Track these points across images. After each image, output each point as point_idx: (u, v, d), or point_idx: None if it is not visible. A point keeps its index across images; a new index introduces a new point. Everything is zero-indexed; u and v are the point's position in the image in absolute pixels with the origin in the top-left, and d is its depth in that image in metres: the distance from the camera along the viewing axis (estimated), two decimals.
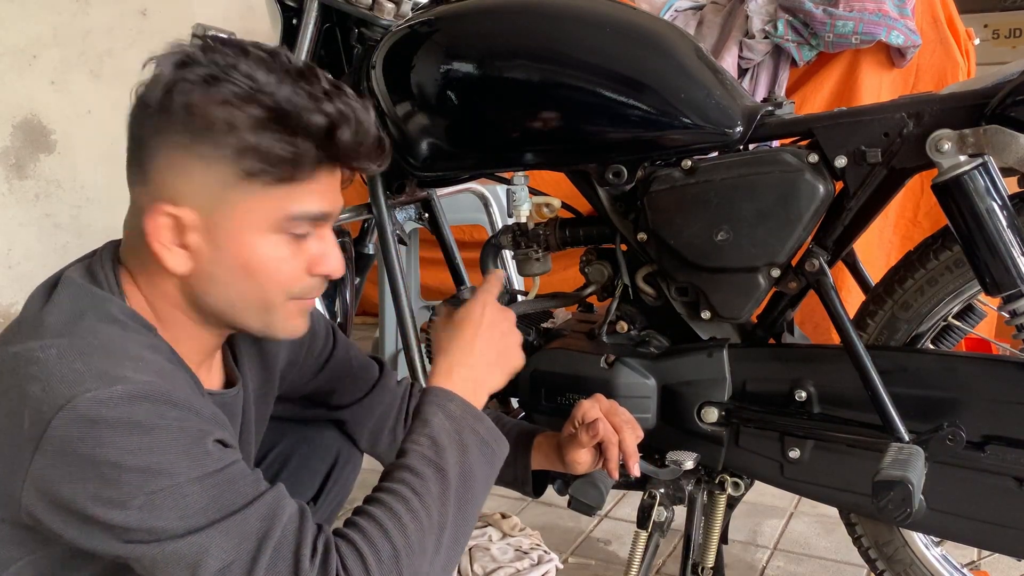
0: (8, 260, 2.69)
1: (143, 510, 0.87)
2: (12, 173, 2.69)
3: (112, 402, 0.87)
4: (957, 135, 1.25)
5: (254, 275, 0.99)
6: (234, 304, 1.01)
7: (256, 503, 0.91)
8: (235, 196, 0.96)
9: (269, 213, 0.97)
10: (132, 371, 0.91)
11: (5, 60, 2.66)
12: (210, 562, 0.87)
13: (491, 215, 2.41)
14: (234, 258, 0.98)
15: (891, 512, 1.23)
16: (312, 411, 1.40)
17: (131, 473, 0.87)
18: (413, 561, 0.93)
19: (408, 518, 0.94)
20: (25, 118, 2.70)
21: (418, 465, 0.99)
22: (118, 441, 0.87)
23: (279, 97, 0.94)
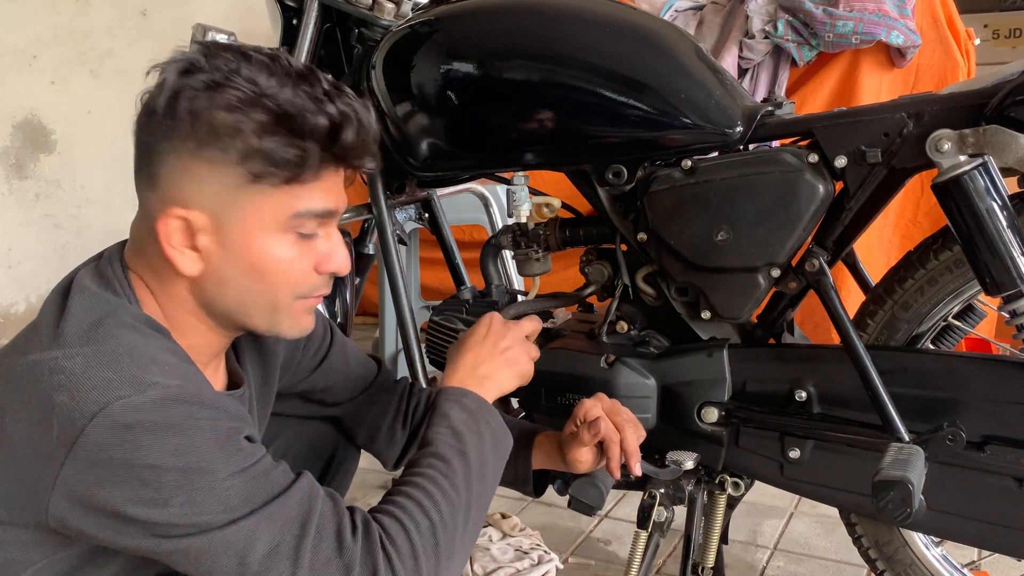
0: (8, 260, 2.69)
1: (185, 507, 0.90)
2: (12, 173, 2.69)
3: (146, 407, 0.90)
4: (957, 135, 1.25)
5: (263, 275, 1.01)
6: (243, 304, 1.03)
7: (292, 489, 0.95)
8: (243, 198, 0.98)
9: (276, 213, 0.99)
10: (160, 376, 0.93)
11: (5, 60, 2.66)
12: (257, 547, 0.91)
13: (491, 215, 2.41)
14: (243, 259, 1.00)
15: (891, 512, 1.23)
16: (309, 408, 1.40)
17: (170, 474, 0.90)
18: (448, 534, 1.00)
19: (440, 496, 1.02)
20: (25, 118, 2.70)
21: (444, 451, 1.07)
22: (155, 444, 0.90)
23: (282, 100, 0.96)
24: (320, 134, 0.97)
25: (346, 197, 1.06)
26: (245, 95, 0.95)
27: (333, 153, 0.99)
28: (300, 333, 1.08)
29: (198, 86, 0.95)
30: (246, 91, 0.95)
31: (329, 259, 1.04)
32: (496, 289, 1.70)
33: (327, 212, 1.02)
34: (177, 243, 0.99)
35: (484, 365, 1.20)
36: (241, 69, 0.96)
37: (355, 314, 2.07)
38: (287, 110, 0.96)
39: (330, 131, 0.98)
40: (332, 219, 1.05)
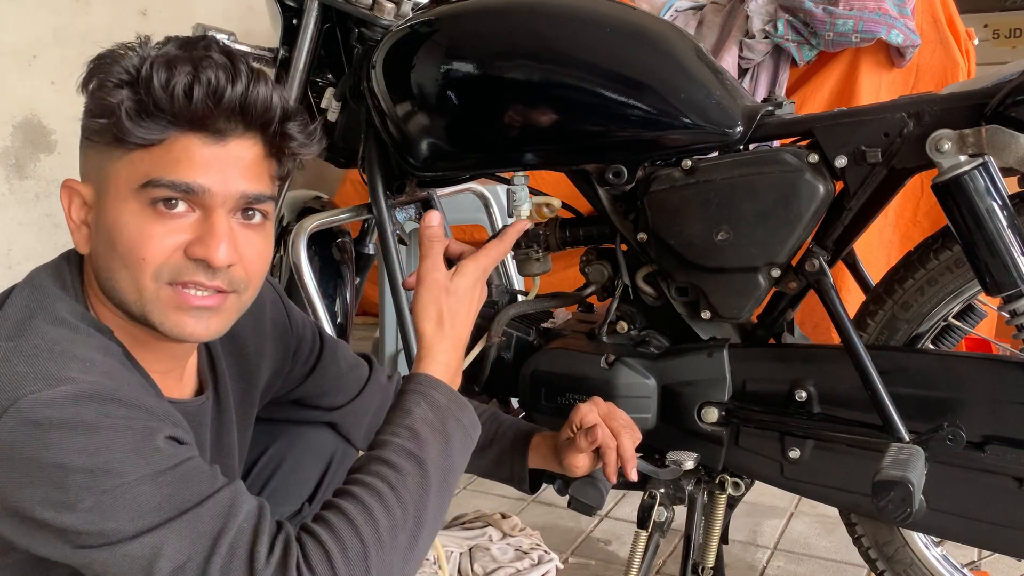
0: (8, 260, 2.69)
1: (93, 512, 0.85)
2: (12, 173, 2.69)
3: (56, 403, 0.86)
4: (957, 135, 1.25)
5: (116, 245, 0.95)
6: (113, 283, 0.97)
7: (211, 500, 0.88)
8: (108, 166, 0.96)
9: (130, 181, 0.94)
10: (78, 371, 0.89)
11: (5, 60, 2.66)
12: (163, 563, 0.85)
13: (491, 215, 2.40)
14: (105, 229, 0.96)
15: (891, 512, 1.23)
16: (305, 413, 1.40)
17: (78, 474, 0.85)
18: (384, 557, 0.90)
19: (380, 512, 0.92)
20: (25, 118, 2.70)
21: (395, 458, 0.96)
22: (64, 442, 0.85)
23: (132, 64, 0.93)
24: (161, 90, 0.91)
25: (239, 180, 0.96)
26: (113, 68, 0.94)
27: (180, 117, 0.93)
28: (179, 334, 0.97)
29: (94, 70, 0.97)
30: (121, 66, 0.94)
31: (199, 242, 0.95)
32: (496, 289, 1.70)
33: (187, 187, 0.93)
34: (76, 218, 0.98)
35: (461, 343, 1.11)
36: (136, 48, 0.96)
37: (355, 314, 2.07)
38: (138, 72, 0.92)
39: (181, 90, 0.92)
40: (205, 198, 0.95)
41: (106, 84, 0.93)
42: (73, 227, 0.98)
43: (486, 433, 1.37)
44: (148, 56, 0.93)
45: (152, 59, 0.93)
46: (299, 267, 1.71)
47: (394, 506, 0.93)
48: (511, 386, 1.61)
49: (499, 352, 1.60)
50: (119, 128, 0.92)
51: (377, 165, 1.65)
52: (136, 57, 0.94)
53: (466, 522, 2.09)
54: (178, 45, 0.96)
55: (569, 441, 1.29)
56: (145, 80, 0.91)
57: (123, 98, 0.92)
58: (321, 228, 1.83)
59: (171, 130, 0.93)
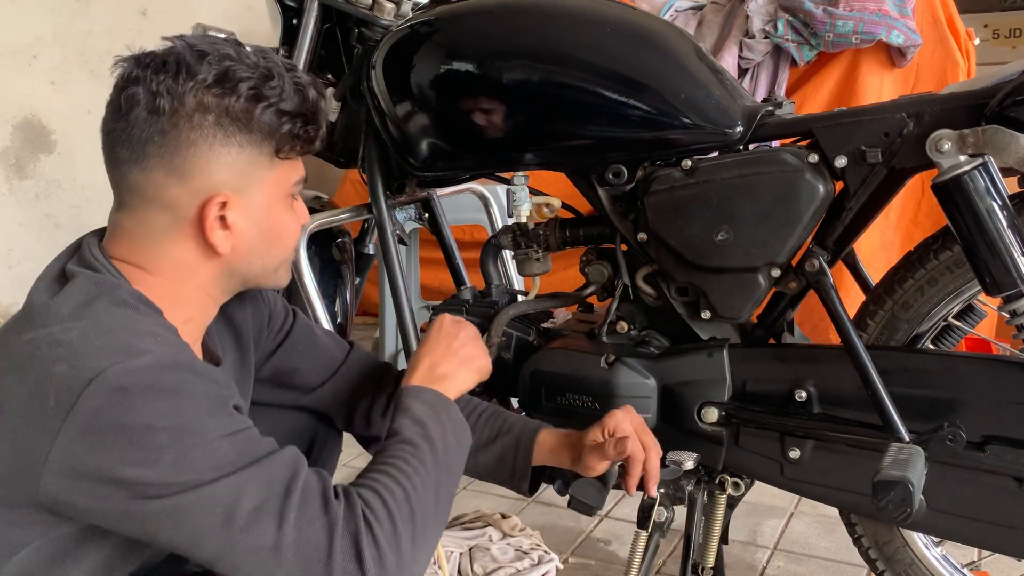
0: (8, 260, 2.69)
1: (176, 465, 0.93)
2: (12, 173, 2.69)
3: (140, 371, 0.93)
4: (957, 135, 1.25)
5: (280, 237, 1.14)
6: (264, 267, 1.14)
7: (279, 453, 0.99)
8: (264, 174, 1.09)
9: (283, 184, 1.12)
10: (153, 344, 0.97)
11: (5, 60, 2.66)
12: (244, 503, 0.94)
13: (491, 215, 2.40)
14: (268, 226, 1.11)
15: (891, 512, 1.23)
16: (282, 395, 1.39)
17: (162, 433, 0.93)
18: (422, 506, 1.04)
19: (411, 472, 1.06)
20: (25, 118, 2.70)
21: (410, 436, 1.11)
22: (148, 406, 0.93)
23: (287, 82, 1.08)
24: (316, 112, 1.11)
25: None
26: (256, 82, 1.05)
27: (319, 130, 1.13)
28: (286, 283, 1.20)
29: (210, 80, 1.03)
30: (254, 77, 1.05)
31: (303, 215, 1.18)
32: (496, 289, 1.70)
33: (303, 180, 1.16)
34: (213, 224, 1.07)
35: (440, 366, 1.24)
36: (231, 56, 1.06)
37: (355, 314, 2.07)
38: (289, 90, 1.07)
39: (314, 111, 1.11)
40: None
41: (284, 113, 1.07)
42: (213, 234, 1.07)
43: (490, 429, 1.37)
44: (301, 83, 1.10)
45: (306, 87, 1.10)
46: (299, 267, 1.72)
47: (419, 468, 1.07)
48: (511, 386, 1.61)
49: (499, 352, 1.60)
50: (294, 151, 1.11)
51: (377, 165, 1.66)
52: (288, 82, 1.08)
53: (466, 522, 2.09)
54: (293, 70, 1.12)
55: (596, 445, 1.29)
56: (310, 113, 1.10)
57: (299, 129, 1.09)
58: (321, 228, 1.83)
59: None
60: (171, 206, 1.06)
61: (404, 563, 0.99)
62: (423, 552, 1.03)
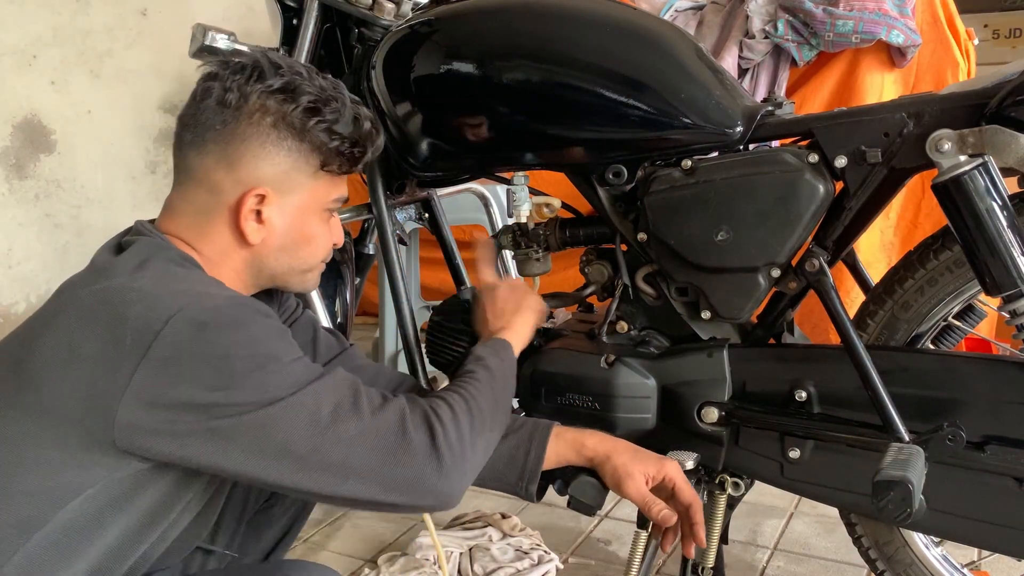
0: (8, 260, 2.69)
1: (258, 387, 1.03)
2: (12, 173, 2.69)
3: (214, 309, 1.04)
4: (957, 135, 1.25)
5: (310, 245, 1.23)
6: (291, 267, 1.24)
7: (338, 370, 1.13)
8: (307, 182, 1.20)
9: (323, 198, 1.22)
10: (218, 290, 1.10)
11: (5, 60, 2.66)
12: (323, 405, 1.06)
13: (491, 215, 2.40)
14: (299, 231, 1.21)
15: (891, 512, 1.23)
16: None
17: (242, 360, 1.03)
18: (479, 405, 1.20)
19: (468, 385, 1.23)
20: (25, 118, 2.70)
21: (469, 367, 1.30)
22: (226, 338, 1.03)
23: (347, 109, 1.20)
24: (365, 140, 1.22)
25: None
26: (316, 99, 1.17)
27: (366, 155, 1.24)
28: (313, 288, 1.33)
29: (277, 87, 1.16)
30: (316, 96, 1.17)
31: (337, 234, 1.28)
32: None
33: (343, 199, 1.26)
34: (249, 215, 1.16)
35: (497, 323, 1.44)
36: (301, 74, 1.18)
37: (355, 314, 2.07)
38: (347, 117, 1.20)
39: (367, 136, 1.22)
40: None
41: (335, 133, 1.18)
42: (245, 222, 1.17)
43: None
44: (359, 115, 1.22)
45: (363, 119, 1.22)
46: None
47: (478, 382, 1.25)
48: None
49: None
50: (340, 168, 1.21)
51: (377, 165, 1.66)
52: (349, 110, 1.20)
53: (466, 522, 2.09)
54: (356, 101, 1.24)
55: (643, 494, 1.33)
56: (360, 140, 1.22)
57: (346, 149, 1.20)
58: None
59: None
60: (216, 189, 1.16)
61: (464, 443, 1.13)
62: (480, 441, 1.18)
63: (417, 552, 1.96)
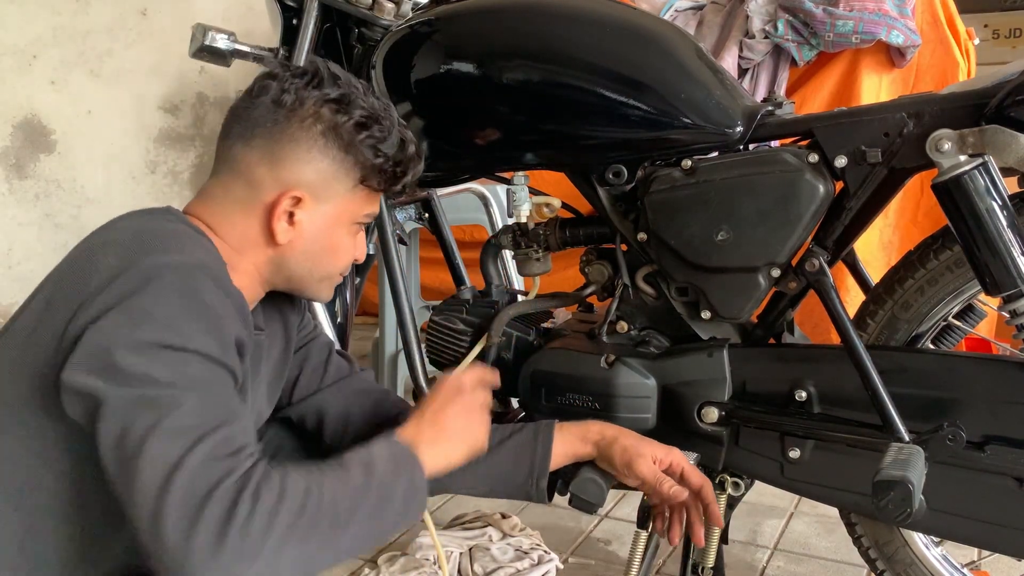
0: (8, 260, 2.69)
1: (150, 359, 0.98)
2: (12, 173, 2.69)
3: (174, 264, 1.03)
4: (957, 135, 1.25)
5: (333, 254, 1.24)
6: (310, 273, 1.24)
7: (235, 402, 1.04)
8: (344, 193, 1.21)
9: (355, 212, 1.23)
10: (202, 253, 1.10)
11: (5, 60, 2.66)
12: (176, 416, 0.97)
13: (491, 215, 2.41)
14: (326, 239, 1.22)
15: (891, 512, 1.23)
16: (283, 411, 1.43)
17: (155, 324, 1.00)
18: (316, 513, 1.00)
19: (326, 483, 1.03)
20: (25, 118, 2.70)
21: (349, 461, 1.08)
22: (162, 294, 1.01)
23: (389, 128, 1.21)
24: (408, 162, 1.23)
25: None
26: (368, 115, 1.19)
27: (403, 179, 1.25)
28: (327, 299, 1.32)
29: (332, 96, 1.18)
30: (368, 112, 1.19)
31: (360, 250, 1.29)
32: (496, 289, 1.70)
33: (373, 216, 1.27)
34: (281, 215, 1.17)
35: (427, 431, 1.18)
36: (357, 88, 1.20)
37: (355, 314, 2.07)
38: (394, 138, 1.21)
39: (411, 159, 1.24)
40: None
41: (380, 152, 1.20)
42: (277, 221, 1.18)
43: (500, 432, 1.35)
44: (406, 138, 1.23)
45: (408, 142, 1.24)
46: None
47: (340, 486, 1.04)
48: (511, 386, 1.61)
49: (499, 352, 1.60)
50: (378, 185, 1.23)
51: None
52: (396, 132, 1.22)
53: (466, 522, 2.09)
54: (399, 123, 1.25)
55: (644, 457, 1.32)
56: (403, 162, 1.23)
57: (388, 168, 1.22)
58: None
59: None
60: (255, 184, 1.18)
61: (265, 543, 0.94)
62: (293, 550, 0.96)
63: (417, 552, 1.96)
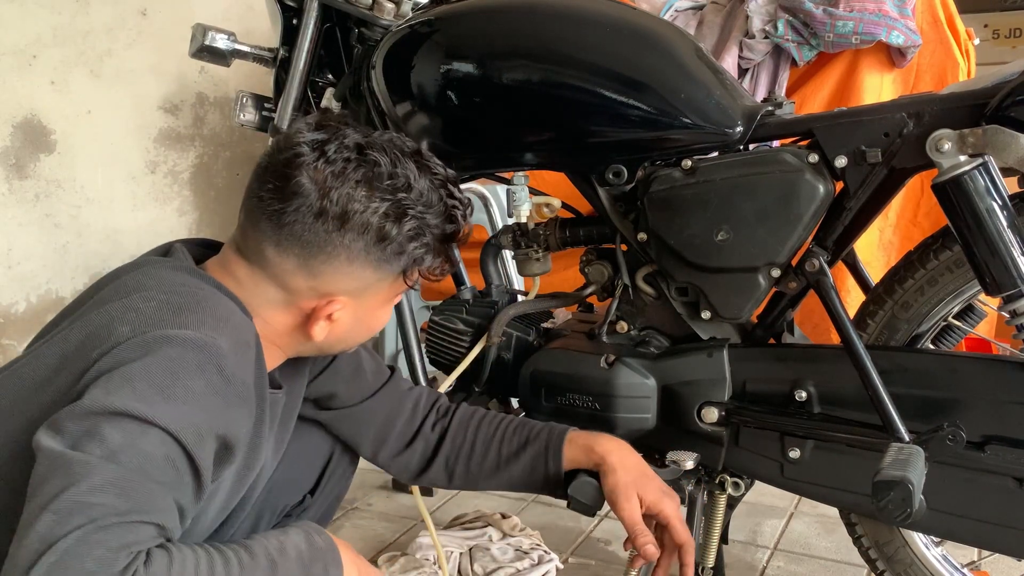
0: (8, 260, 2.69)
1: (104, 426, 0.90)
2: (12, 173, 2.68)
3: (171, 338, 0.96)
4: (957, 135, 1.25)
5: (372, 330, 1.22)
6: (345, 346, 1.23)
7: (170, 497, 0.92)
8: (385, 287, 1.16)
9: (396, 292, 1.18)
10: (209, 328, 0.99)
11: (5, 60, 2.66)
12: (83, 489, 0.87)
13: (491, 215, 2.40)
14: (366, 324, 1.19)
15: (891, 512, 1.23)
16: (314, 412, 1.40)
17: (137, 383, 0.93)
18: None
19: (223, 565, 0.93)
20: (25, 118, 2.70)
21: (257, 547, 0.98)
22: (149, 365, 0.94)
23: (443, 229, 1.13)
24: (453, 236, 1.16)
25: None
26: (420, 223, 1.10)
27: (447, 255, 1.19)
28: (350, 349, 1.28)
29: (383, 209, 1.08)
30: (419, 217, 1.10)
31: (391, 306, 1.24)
32: (496, 289, 1.70)
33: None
34: (320, 318, 1.13)
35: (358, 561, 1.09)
36: (412, 186, 1.10)
37: None
38: (444, 235, 1.14)
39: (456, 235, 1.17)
40: None
41: (430, 248, 1.13)
42: (315, 324, 1.13)
43: (518, 438, 1.36)
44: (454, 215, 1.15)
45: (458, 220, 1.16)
46: None
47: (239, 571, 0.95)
48: (511, 386, 1.61)
49: (499, 352, 1.60)
50: (420, 275, 1.17)
51: None
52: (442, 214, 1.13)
53: (466, 522, 2.09)
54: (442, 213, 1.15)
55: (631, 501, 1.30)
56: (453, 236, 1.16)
57: (430, 262, 1.15)
58: None
59: None
60: (291, 290, 1.12)
61: None
62: None
63: (417, 552, 1.95)
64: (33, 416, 0.97)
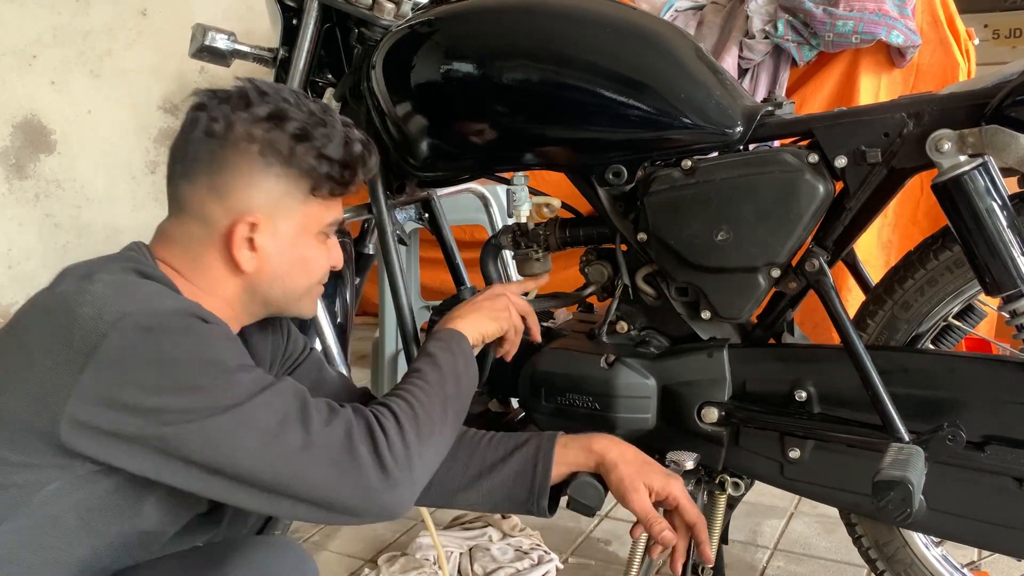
0: (8, 260, 2.69)
1: (205, 393, 1.02)
2: (12, 173, 2.69)
3: (163, 314, 1.04)
4: (957, 135, 1.25)
5: (305, 269, 1.23)
6: (285, 293, 1.23)
7: (286, 380, 1.11)
8: (297, 207, 1.19)
9: (316, 222, 1.22)
10: (172, 300, 1.08)
11: (5, 60, 2.66)
12: (270, 415, 1.04)
13: (491, 215, 2.40)
14: (294, 256, 1.21)
15: (891, 512, 1.23)
16: None
17: (187, 365, 1.02)
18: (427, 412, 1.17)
19: (415, 389, 1.20)
20: (25, 118, 2.70)
21: (418, 365, 1.26)
22: (171, 341, 1.02)
23: (331, 132, 1.19)
24: (356, 162, 1.21)
25: None
26: (303, 126, 1.17)
27: (357, 177, 1.23)
28: (311, 314, 1.30)
29: (263, 115, 1.16)
30: (303, 122, 1.17)
31: (336, 257, 1.27)
32: None
33: (338, 221, 1.26)
34: (241, 244, 1.16)
35: (460, 313, 1.38)
36: (289, 100, 1.18)
37: (355, 314, 2.07)
38: (337, 140, 1.19)
39: (360, 159, 1.22)
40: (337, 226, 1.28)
41: (324, 157, 1.18)
42: (239, 252, 1.17)
43: (504, 447, 1.33)
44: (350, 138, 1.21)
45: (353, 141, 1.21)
46: None
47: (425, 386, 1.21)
48: (511, 386, 1.61)
49: None
50: (331, 192, 1.21)
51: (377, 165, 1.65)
52: (339, 133, 1.20)
53: (466, 522, 2.09)
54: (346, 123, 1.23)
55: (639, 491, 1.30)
56: (351, 163, 1.21)
57: (336, 174, 1.19)
58: None
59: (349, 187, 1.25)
60: (207, 220, 1.16)
61: (411, 452, 1.11)
62: (429, 446, 1.15)
63: (417, 552, 1.96)
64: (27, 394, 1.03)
